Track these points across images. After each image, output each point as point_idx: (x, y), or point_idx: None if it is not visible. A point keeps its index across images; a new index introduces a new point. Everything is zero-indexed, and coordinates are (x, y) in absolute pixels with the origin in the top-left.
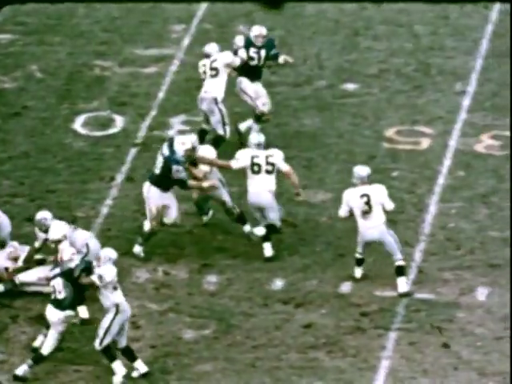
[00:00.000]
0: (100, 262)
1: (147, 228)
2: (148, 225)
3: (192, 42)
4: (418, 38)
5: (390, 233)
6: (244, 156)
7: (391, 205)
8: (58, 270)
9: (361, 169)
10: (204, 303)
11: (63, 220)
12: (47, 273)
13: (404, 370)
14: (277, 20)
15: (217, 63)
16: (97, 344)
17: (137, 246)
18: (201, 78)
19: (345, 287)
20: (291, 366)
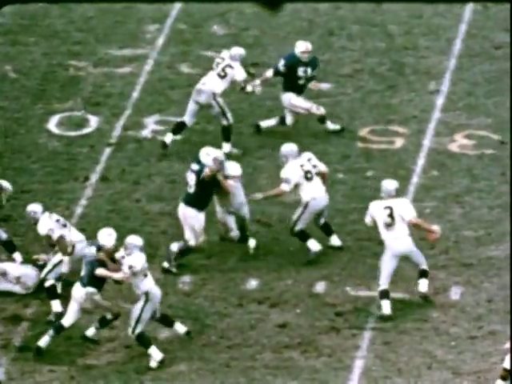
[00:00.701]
0: (127, 251)
1: (177, 248)
2: (180, 245)
3: (166, 42)
4: (392, 38)
5: (416, 247)
6: (292, 173)
7: (414, 213)
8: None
9: (389, 183)
10: (179, 303)
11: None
12: (21, 272)
13: (378, 370)
14: (251, 20)
15: (229, 70)
16: (129, 332)
17: (166, 263)
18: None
19: (319, 287)
20: (266, 366)
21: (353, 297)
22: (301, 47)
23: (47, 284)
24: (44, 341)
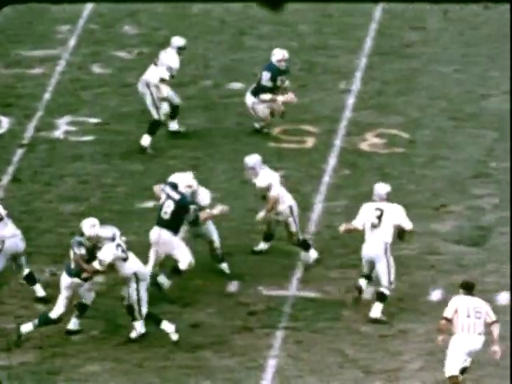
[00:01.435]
0: (99, 244)
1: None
2: (165, 271)
3: (78, 43)
4: (303, 37)
5: (388, 258)
6: (270, 178)
7: (410, 224)
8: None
9: (380, 187)
10: (91, 303)
11: None
12: None
13: (291, 369)
14: (162, 20)
15: (162, 56)
16: (137, 318)
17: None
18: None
19: (232, 286)
20: (179, 366)
21: (265, 296)
22: (278, 55)
23: None
24: (72, 323)
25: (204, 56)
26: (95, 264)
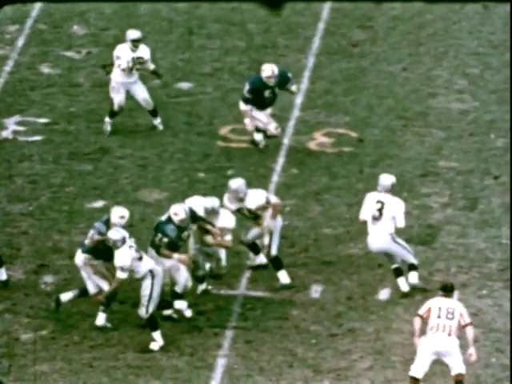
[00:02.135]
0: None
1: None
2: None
3: (26, 43)
4: (251, 36)
5: (399, 242)
6: (262, 196)
7: (403, 223)
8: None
9: (385, 178)
10: (41, 304)
11: None
12: None
13: (240, 368)
14: (111, 20)
15: (116, 51)
16: (143, 313)
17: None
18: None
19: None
20: (128, 366)
21: (214, 295)
22: (267, 72)
23: None
24: (101, 319)
25: (152, 55)
26: (118, 275)
